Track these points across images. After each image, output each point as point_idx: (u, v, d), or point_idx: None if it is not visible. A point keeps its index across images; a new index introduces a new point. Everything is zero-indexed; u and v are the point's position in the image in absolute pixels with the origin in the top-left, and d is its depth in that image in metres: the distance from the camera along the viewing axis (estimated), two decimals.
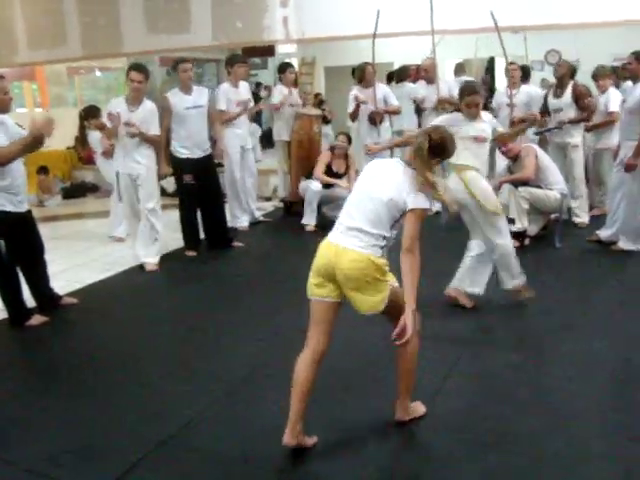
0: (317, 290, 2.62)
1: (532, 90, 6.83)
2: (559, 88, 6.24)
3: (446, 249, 4.99)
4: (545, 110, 6.37)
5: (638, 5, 6.45)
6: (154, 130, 5.35)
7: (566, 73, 6.19)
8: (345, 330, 2.93)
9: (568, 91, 6.15)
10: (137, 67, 5.34)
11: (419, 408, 2.87)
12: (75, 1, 9.08)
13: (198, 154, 5.82)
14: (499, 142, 4.77)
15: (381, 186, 2.63)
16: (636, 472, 2.48)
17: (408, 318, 2.54)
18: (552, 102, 6.28)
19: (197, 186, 5.82)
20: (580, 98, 6.09)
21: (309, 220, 6.64)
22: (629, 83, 5.39)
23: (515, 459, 2.57)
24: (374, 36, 6.55)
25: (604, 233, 5.56)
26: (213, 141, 6.13)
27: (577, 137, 6.22)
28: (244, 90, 6.42)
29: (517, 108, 6.34)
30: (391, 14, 7.28)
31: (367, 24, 6.77)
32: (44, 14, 9.35)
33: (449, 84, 6.85)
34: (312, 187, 6.58)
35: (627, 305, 4.22)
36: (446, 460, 2.59)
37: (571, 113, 6.15)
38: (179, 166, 5.84)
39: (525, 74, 7.32)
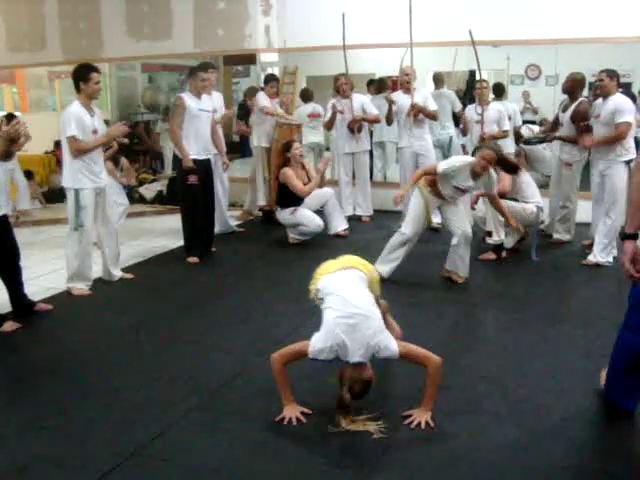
0: None
1: (503, 106, 6.87)
2: (569, 102, 6.01)
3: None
4: (555, 122, 6.32)
5: (613, 23, 6.61)
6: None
7: (574, 86, 5.92)
8: None
9: (573, 107, 5.91)
10: (95, 67, 4.94)
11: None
12: (56, 4, 9.05)
13: (204, 156, 5.88)
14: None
15: None
16: None
17: None
18: (560, 115, 6.15)
19: (199, 188, 5.83)
20: (576, 118, 5.84)
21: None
22: (599, 100, 5.49)
23: (483, 473, 2.58)
24: (344, 47, 6.65)
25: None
26: None
27: (570, 155, 6.01)
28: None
29: (487, 124, 6.45)
30: (370, 25, 7.40)
31: (349, 34, 6.85)
32: (24, 16, 9.30)
33: (425, 95, 6.89)
34: (318, 223, 6.37)
35: (599, 319, 4.26)
36: (416, 471, 2.60)
37: (569, 131, 5.93)
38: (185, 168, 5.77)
39: (498, 91, 7.43)
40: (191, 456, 2.72)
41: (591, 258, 5.50)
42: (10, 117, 8.29)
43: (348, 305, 2.94)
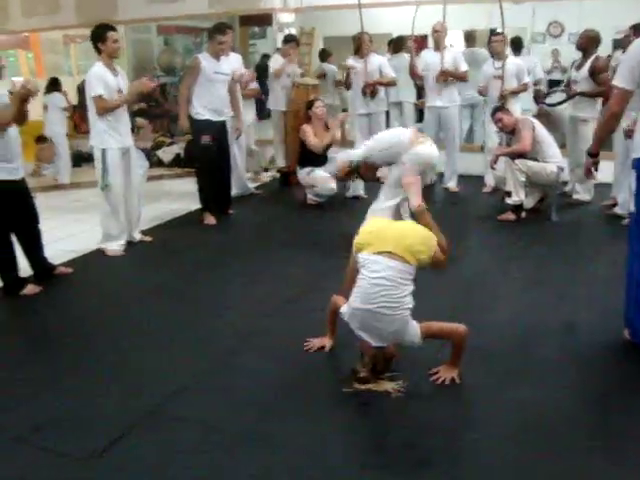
0: None
1: (521, 61, 6.69)
2: (583, 59, 5.96)
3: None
4: (569, 82, 6.24)
5: None
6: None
7: (588, 43, 5.88)
8: None
9: (588, 64, 5.85)
10: (111, 26, 4.91)
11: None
12: None
13: (217, 118, 5.86)
14: None
15: None
16: None
17: None
18: (573, 74, 6.08)
19: (213, 149, 5.83)
20: (596, 72, 5.78)
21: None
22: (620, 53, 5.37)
23: (501, 432, 2.58)
24: (360, 5, 6.49)
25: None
26: None
27: (587, 112, 5.94)
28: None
29: (506, 80, 6.29)
30: None
31: None
32: None
33: (454, 54, 6.73)
34: (330, 186, 6.31)
35: (617, 279, 4.18)
36: (434, 430, 2.61)
37: (587, 86, 5.88)
38: (198, 128, 5.79)
39: (517, 46, 7.24)
40: (205, 416, 2.73)
41: (617, 209, 5.48)
42: (54, 82, 8.29)
43: (369, 301, 2.77)
